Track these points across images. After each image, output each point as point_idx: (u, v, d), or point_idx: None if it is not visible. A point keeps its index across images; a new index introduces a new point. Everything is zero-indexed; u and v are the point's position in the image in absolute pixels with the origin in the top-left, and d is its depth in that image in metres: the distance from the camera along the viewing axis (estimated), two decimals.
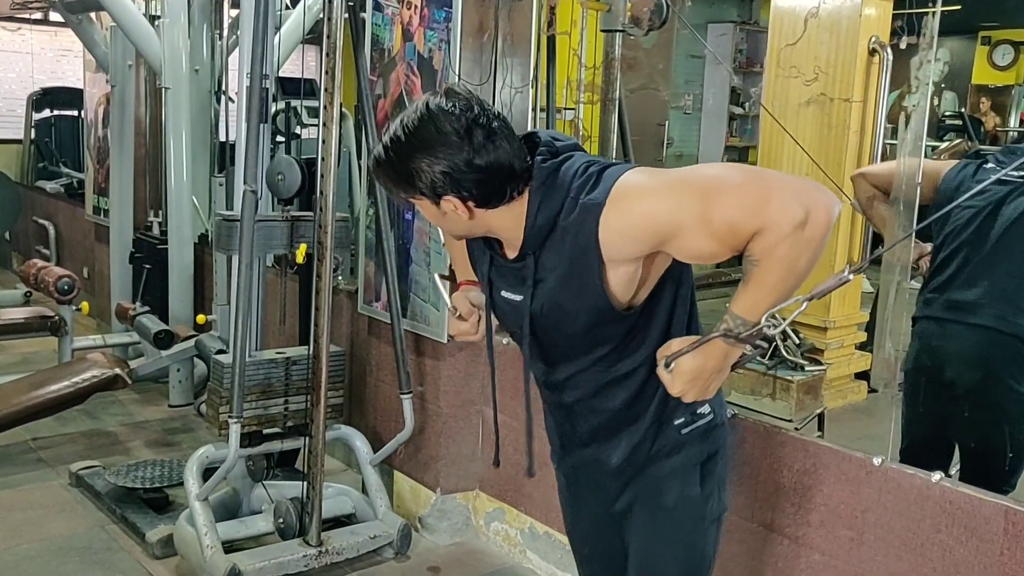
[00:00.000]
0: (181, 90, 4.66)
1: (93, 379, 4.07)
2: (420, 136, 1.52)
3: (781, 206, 1.40)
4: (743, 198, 1.43)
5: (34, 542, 3.32)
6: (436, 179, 1.52)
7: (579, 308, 1.59)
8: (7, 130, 8.60)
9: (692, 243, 1.47)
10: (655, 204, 1.48)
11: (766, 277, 1.45)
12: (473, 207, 1.56)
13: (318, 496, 3.10)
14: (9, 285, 6.55)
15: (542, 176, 1.55)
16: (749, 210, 1.42)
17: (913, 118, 2.09)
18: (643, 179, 1.52)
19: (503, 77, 3.17)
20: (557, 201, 1.54)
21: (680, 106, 8.25)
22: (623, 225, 1.48)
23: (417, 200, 1.59)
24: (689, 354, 1.53)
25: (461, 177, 1.52)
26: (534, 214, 1.55)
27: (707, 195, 1.45)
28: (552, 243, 1.57)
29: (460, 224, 1.61)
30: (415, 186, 1.55)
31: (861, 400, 4.92)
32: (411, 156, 1.53)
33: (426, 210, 1.61)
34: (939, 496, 2.12)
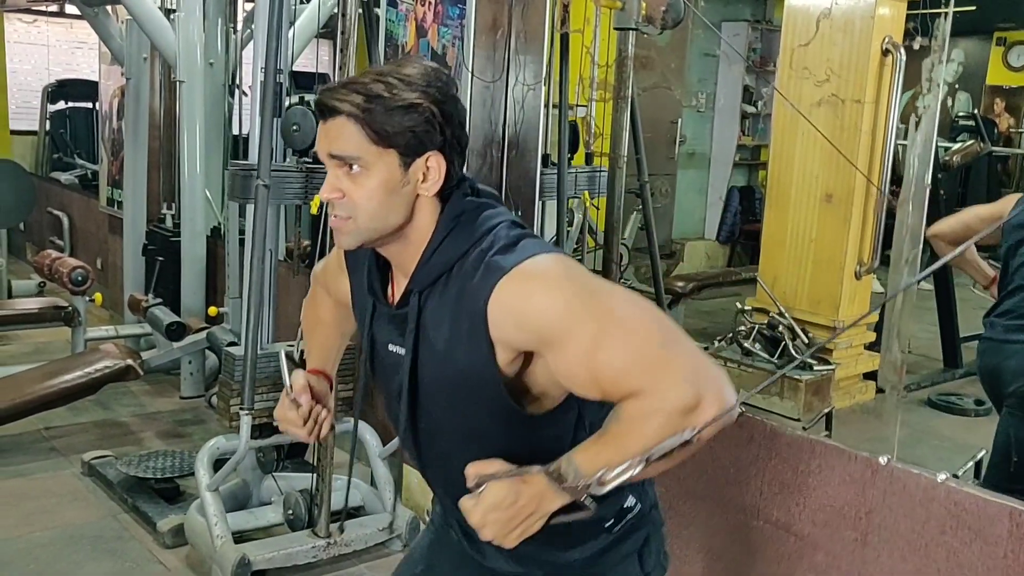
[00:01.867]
0: (195, 83, 4.69)
1: (106, 370, 4.11)
2: (415, 76, 1.32)
3: (674, 379, 1.22)
4: (643, 347, 1.25)
5: (47, 530, 3.35)
6: (435, 123, 1.32)
7: (466, 379, 1.34)
8: (22, 121, 8.66)
9: (567, 363, 1.27)
10: (556, 301, 1.26)
11: (625, 442, 1.23)
12: (444, 177, 1.35)
13: (327, 488, 3.12)
14: (23, 275, 6.60)
15: (458, 209, 1.36)
16: (642, 364, 1.24)
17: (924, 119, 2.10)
18: (557, 270, 1.30)
19: (516, 74, 3.19)
20: (464, 244, 1.33)
21: (693, 104, 8.25)
22: (515, 306, 1.27)
23: (380, 153, 1.31)
24: (502, 481, 1.27)
25: (456, 132, 1.35)
26: (435, 246, 1.35)
27: (609, 325, 1.25)
28: (440, 291, 1.35)
29: (401, 205, 1.34)
30: (403, 127, 1.30)
31: (869, 400, 4.93)
32: (405, 90, 1.30)
33: (377, 175, 1.32)
34: (944, 497, 2.13)
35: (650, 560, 1.57)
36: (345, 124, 1.30)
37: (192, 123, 4.76)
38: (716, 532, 2.59)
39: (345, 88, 1.31)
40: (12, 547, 3.21)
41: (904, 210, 2.28)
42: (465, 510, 1.29)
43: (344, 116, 1.30)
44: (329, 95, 1.32)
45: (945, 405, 4.89)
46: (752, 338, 4.85)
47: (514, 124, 3.24)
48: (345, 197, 1.33)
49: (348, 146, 1.31)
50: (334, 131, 1.32)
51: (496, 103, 3.23)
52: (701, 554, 2.62)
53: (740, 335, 4.92)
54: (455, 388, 1.36)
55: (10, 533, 3.31)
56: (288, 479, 3.38)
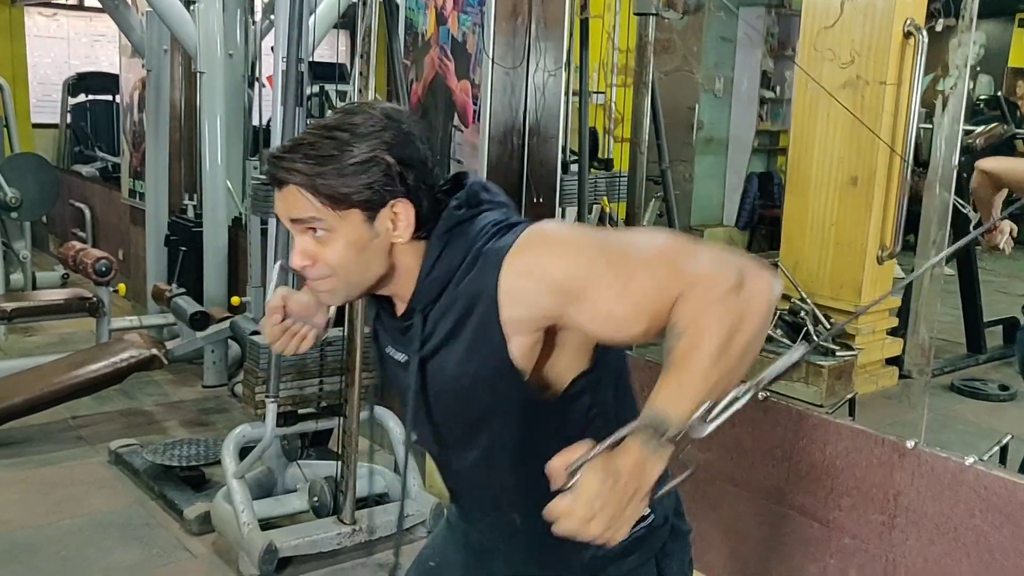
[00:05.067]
0: (216, 74, 4.71)
1: (131, 359, 4.15)
2: (364, 125, 1.27)
3: (710, 264, 1.13)
4: (665, 255, 1.17)
5: (75, 517, 3.40)
6: (393, 173, 1.26)
7: (479, 385, 1.30)
8: (43, 114, 8.73)
9: (602, 307, 1.17)
10: (568, 249, 1.22)
11: (693, 355, 1.09)
12: (415, 221, 1.30)
13: (352, 475, 3.14)
14: (47, 267, 6.66)
15: (450, 223, 1.31)
16: (667, 271, 1.14)
17: (951, 101, 2.08)
18: (557, 228, 1.31)
19: (536, 60, 3.18)
20: (459, 253, 1.29)
21: (711, 89, 8.20)
22: (528, 270, 1.22)
23: (342, 215, 1.26)
24: (596, 463, 1.09)
25: (419, 173, 1.29)
26: (431, 264, 1.30)
27: (626, 254, 1.19)
28: (446, 301, 1.30)
29: (377, 258, 1.30)
30: (359, 185, 1.25)
31: (892, 386, 4.89)
32: (356, 145, 1.25)
33: (343, 236, 1.27)
34: (973, 480, 2.12)
35: (671, 569, 1.50)
36: (297, 193, 1.26)
37: (212, 114, 4.78)
38: (742, 515, 2.59)
39: (293, 153, 1.26)
40: (42, 534, 3.26)
41: (931, 192, 2.26)
42: (562, 513, 1.10)
43: (294, 185, 1.26)
44: (276, 164, 1.27)
45: (969, 390, 4.86)
46: (773, 324, 4.83)
47: (535, 111, 3.24)
48: (316, 262, 1.29)
49: (306, 211, 1.26)
50: (289, 200, 1.28)
51: (516, 90, 3.22)
52: (728, 536, 2.62)
53: None
54: (466, 393, 1.32)
55: (39, 520, 3.36)
56: (312, 467, 3.40)
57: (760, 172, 8.58)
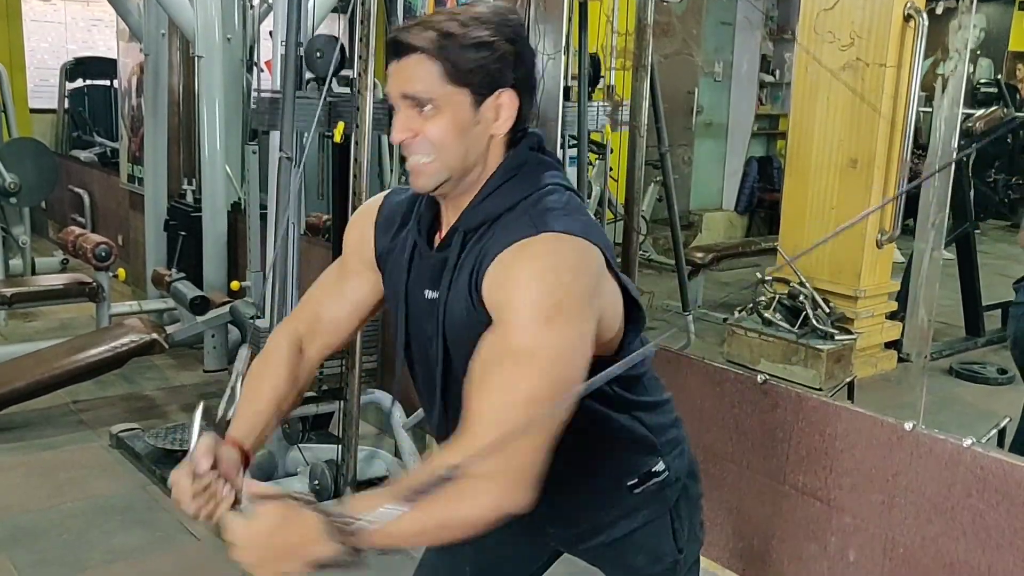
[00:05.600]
0: (214, 59, 4.69)
1: (131, 344, 4.16)
2: (486, 15, 1.32)
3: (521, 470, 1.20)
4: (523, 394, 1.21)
5: (78, 501, 3.41)
6: (508, 60, 1.30)
7: (478, 329, 1.29)
8: (41, 100, 8.69)
9: (487, 338, 1.25)
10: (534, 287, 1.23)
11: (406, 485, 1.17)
12: (516, 115, 1.33)
13: (353, 459, 3.16)
14: (46, 252, 6.65)
15: (520, 159, 1.35)
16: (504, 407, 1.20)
17: (950, 84, 2.08)
18: (557, 262, 1.25)
19: (535, 44, 3.17)
20: (517, 195, 1.32)
21: (710, 73, 8.18)
22: (504, 265, 1.25)
23: (454, 91, 1.29)
24: (275, 507, 1.18)
25: (528, 70, 1.35)
26: (489, 191, 1.33)
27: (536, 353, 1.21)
28: (480, 236, 1.32)
29: (475, 145, 1.32)
30: (476, 64, 1.28)
31: (891, 369, 4.91)
32: (479, 27, 1.29)
33: (450, 114, 1.29)
34: (970, 461, 2.14)
35: (683, 533, 1.54)
36: (420, 61, 1.29)
37: (211, 99, 4.77)
38: (744, 495, 2.61)
39: (419, 26, 1.30)
40: (45, 517, 3.27)
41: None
42: (226, 525, 1.21)
43: (419, 53, 1.29)
44: (404, 32, 1.31)
45: (968, 373, 4.87)
46: (772, 308, 4.84)
47: None
48: (419, 137, 1.31)
49: (421, 85, 1.29)
50: (408, 69, 1.30)
51: None
52: (730, 516, 2.64)
53: (760, 305, 4.90)
54: (472, 332, 1.31)
55: (42, 504, 3.37)
56: (313, 450, 3.42)
57: (759, 156, 8.57)
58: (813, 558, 2.45)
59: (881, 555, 2.29)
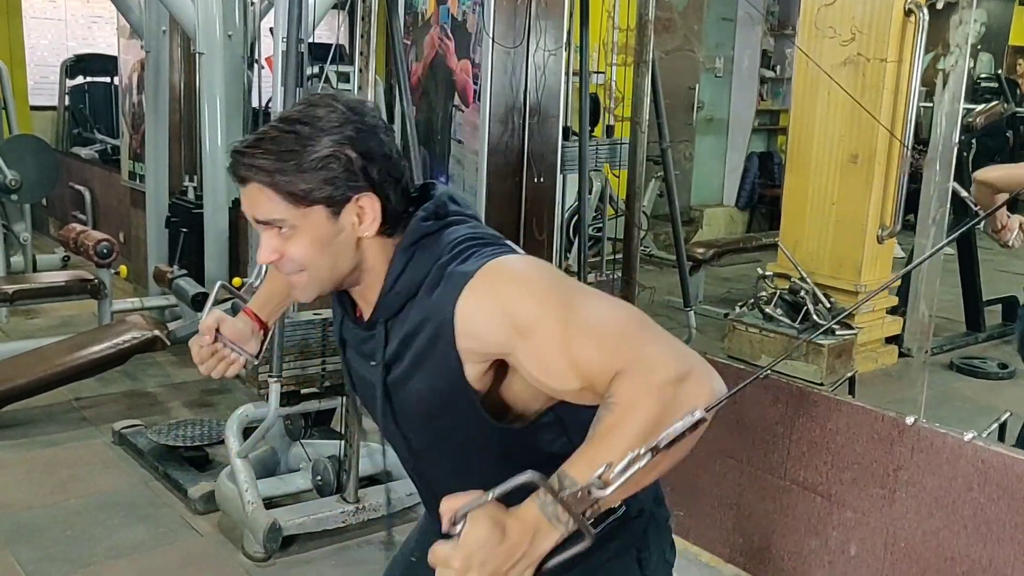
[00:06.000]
0: (215, 55, 4.70)
1: (134, 340, 4.16)
2: (326, 119, 1.24)
3: (656, 351, 1.11)
4: (619, 327, 1.15)
5: (81, 497, 3.42)
6: (355, 167, 1.24)
7: (438, 400, 1.28)
8: (41, 97, 8.69)
9: (543, 352, 1.17)
10: (524, 291, 1.20)
11: (614, 434, 1.07)
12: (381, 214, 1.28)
13: (355, 454, 3.16)
14: (47, 250, 6.66)
15: (416, 235, 1.29)
16: (621, 342, 1.13)
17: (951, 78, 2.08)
18: (523, 264, 1.25)
19: (537, 40, 3.18)
20: (424, 267, 1.27)
21: (711, 69, 8.18)
22: (484, 303, 1.20)
23: (305, 212, 1.25)
24: (483, 512, 1.04)
25: (384, 166, 1.27)
26: (395, 276, 1.29)
27: (581, 314, 1.16)
28: (408, 315, 1.29)
29: (344, 252, 1.28)
30: (320, 182, 1.23)
31: (892, 364, 4.92)
32: (317, 140, 1.23)
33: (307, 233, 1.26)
34: (972, 455, 2.14)
35: (651, 562, 1.47)
36: (260, 191, 1.25)
37: (212, 95, 4.77)
38: (745, 490, 2.61)
39: (253, 149, 1.25)
40: (48, 514, 3.28)
41: (931, 169, 2.27)
42: (438, 561, 1.06)
43: (256, 183, 1.25)
44: (237, 163, 1.26)
45: (968, 368, 4.88)
46: (773, 303, 4.84)
47: (535, 90, 3.24)
48: (283, 257, 1.28)
49: (269, 211, 1.25)
50: (252, 197, 1.26)
51: (517, 69, 3.22)
52: (731, 511, 2.65)
53: (761, 300, 4.91)
54: (430, 408, 1.30)
55: (45, 500, 3.38)
56: (315, 446, 3.42)
57: (760, 152, 8.58)
58: (814, 552, 2.46)
59: (882, 549, 2.30)
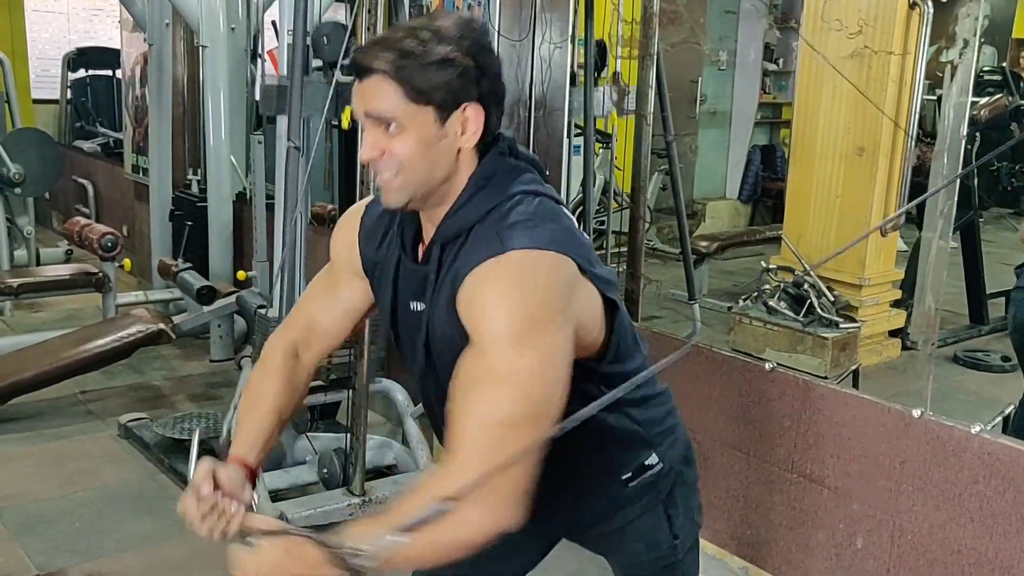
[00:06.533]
0: (218, 48, 4.70)
1: (139, 334, 4.17)
2: (448, 28, 1.30)
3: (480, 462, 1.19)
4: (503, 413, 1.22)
5: (87, 490, 3.43)
6: (470, 75, 1.29)
7: (459, 338, 1.30)
8: (43, 90, 8.68)
9: (468, 366, 1.25)
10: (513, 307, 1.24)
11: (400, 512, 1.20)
12: (483, 127, 1.33)
13: (362, 447, 3.17)
14: (50, 243, 6.66)
15: (491, 168, 1.35)
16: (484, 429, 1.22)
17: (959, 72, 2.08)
18: (529, 279, 1.26)
19: (542, 33, 3.18)
20: (488, 204, 1.32)
21: (715, 62, 8.17)
22: (475, 286, 1.26)
23: (416, 110, 1.28)
24: (277, 542, 1.25)
25: (492, 82, 1.33)
26: (462, 203, 1.33)
27: (513, 373, 1.22)
28: (459, 248, 1.33)
29: (444, 159, 1.32)
30: (438, 82, 1.27)
31: (895, 357, 4.92)
32: (440, 44, 1.28)
33: (414, 132, 1.29)
34: (978, 448, 2.15)
35: (678, 520, 1.56)
36: (380, 82, 1.28)
37: (216, 88, 4.78)
38: (752, 483, 2.62)
39: (378, 45, 1.30)
40: (56, 507, 3.29)
41: (939, 162, 2.27)
42: (233, 560, 1.25)
43: (379, 74, 1.28)
44: (363, 54, 1.31)
45: (971, 361, 4.88)
46: (777, 296, 4.84)
47: (541, 83, 3.24)
48: (385, 155, 1.31)
49: (384, 105, 1.29)
50: (369, 90, 1.30)
51: (523, 62, 3.22)
52: (738, 504, 2.66)
53: (765, 293, 4.91)
54: (456, 347, 1.32)
55: (52, 493, 3.39)
56: (321, 439, 3.43)
57: (763, 144, 8.57)
58: (821, 545, 2.47)
59: (888, 542, 2.31)
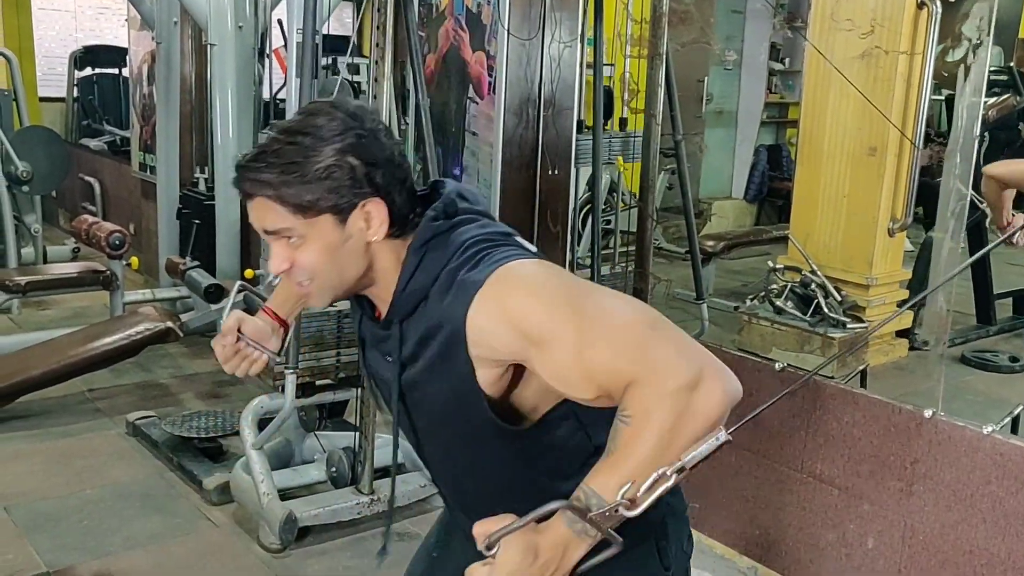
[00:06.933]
0: (227, 47, 4.70)
1: (147, 332, 4.18)
2: (327, 128, 1.25)
3: (668, 357, 1.14)
4: (630, 332, 1.17)
5: (96, 488, 3.44)
6: (359, 174, 1.24)
7: (451, 403, 1.30)
8: (49, 88, 8.70)
9: (557, 362, 1.19)
10: (535, 301, 1.21)
11: (634, 444, 1.12)
12: (389, 218, 1.28)
13: (371, 446, 3.17)
14: (57, 241, 6.67)
15: (426, 236, 1.29)
16: (633, 348, 1.15)
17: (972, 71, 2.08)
18: (532, 270, 1.25)
19: (552, 32, 3.18)
20: (435, 269, 1.28)
21: (721, 61, 8.16)
22: (494, 314, 1.21)
23: (311, 222, 1.25)
24: (516, 536, 1.13)
25: (387, 170, 1.28)
26: (407, 278, 1.29)
27: (593, 318, 1.18)
28: (422, 317, 1.29)
29: (354, 258, 1.29)
30: (325, 191, 1.24)
31: (902, 358, 4.91)
32: (319, 150, 1.23)
33: (316, 242, 1.26)
34: (990, 448, 2.15)
35: (670, 552, 1.49)
36: (266, 204, 1.26)
37: (224, 87, 4.77)
38: (761, 483, 2.62)
39: (256, 163, 1.26)
40: (64, 504, 3.30)
41: (951, 161, 2.27)
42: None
43: (262, 197, 1.26)
44: (242, 179, 1.27)
45: (979, 361, 4.87)
46: (784, 296, 4.84)
47: (550, 82, 3.24)
48: (294, 267, 1.29)
49: (277, 223, 1.26)
50: (259, 210, 1.27)
51: (532, 61, 3.22)
52: (748, 504, 2.66)
53: (772, 293, 4.91)
54: (444, 409, 1.32)
55: (61, 491, 3.40)
56: (330, 437, 3.44)
57: (769, 144, 8.56)
58: (831, 545, 2.46)
59: (900, 542, 2.30)
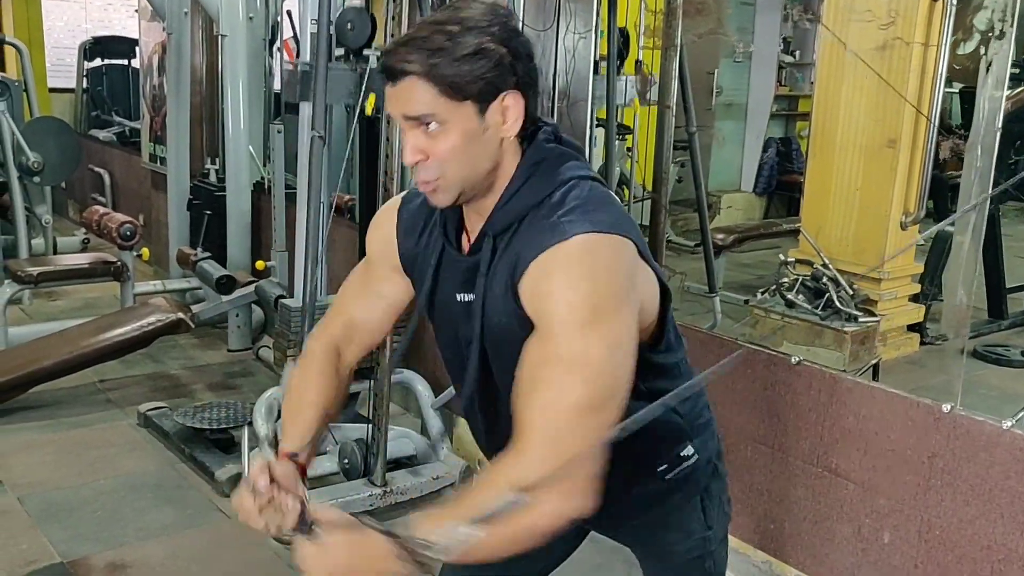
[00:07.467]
0: (237, 37, 4.70)
1: (158, 323, 4.18)
2: (474, 18, 1.26)
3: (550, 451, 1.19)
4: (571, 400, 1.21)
5: (108, 479, 3.44)
6: (505, 63, 1.25)
7: (515, 326, 1.30)
8: (58, 79, 8.70)
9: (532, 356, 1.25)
10: (565, 298, 1.22)
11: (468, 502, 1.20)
12: (523, 114, 1.29)
13: (383, 438, 3.17)
14: (67, 232, 6.68)
15: (539, 155, 1.32)
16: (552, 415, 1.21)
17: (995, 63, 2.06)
18: (593, 263, 1.25)
19: (567, 23, 3.16)
20: (541, 192, 1.30)
21: (732, 54, 8.13)
22: (540, 275, 1.25)
23: (455, 106, 1.25)
24: (344, 534, 1.20)
25: (527, 66, 1.29)
26: (512, 192, 1.31)
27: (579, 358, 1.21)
28: (511, 237, 1.31)
29: (487, 151, 1.29)
30: (473, 74, 1.24)
31: (914, 352, 4.90)
32: (468, 35, 1.24)
33: (456, 129, 1.26)
34: (1009, 443, 2.13)
35: (713, 511, 1.58)
36: (414, 84, 1.25)
37: (235, 78, 4.77)
38: (777, 477, 2.61)
39: (406, 46, 1.26)
40: (77, 495, 3.31)
41: (973, 153, 2.25)
42: (299, 553, 1.22)
43: (411, 76, 1.25)
44: (391, 57, 1.27)
45: (991, 356, 4.85)
46: (795, 290, 4.82)
47: (565, 73, 3.22)
48: (429, 158, 1.28)
49: (421, 106, 1.25)
50: (404, 93, 1.26)
51: (547, 52, 3.20)
52: (763, 498, 2.65)
53: (783, 286, 4.89)
54: (515, 337, 1.30)
55: (74, 481, 3.41)
56: (343, 429, 3.43)
57: (779, 137, 8.53)
58: (846, 540, 2.45)
59: (916, 537, 2.29)
